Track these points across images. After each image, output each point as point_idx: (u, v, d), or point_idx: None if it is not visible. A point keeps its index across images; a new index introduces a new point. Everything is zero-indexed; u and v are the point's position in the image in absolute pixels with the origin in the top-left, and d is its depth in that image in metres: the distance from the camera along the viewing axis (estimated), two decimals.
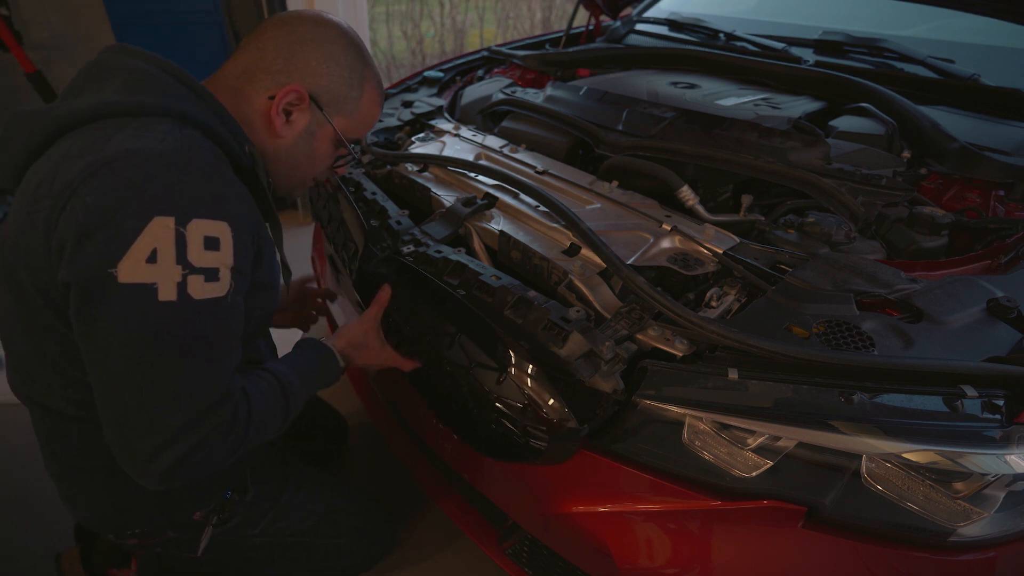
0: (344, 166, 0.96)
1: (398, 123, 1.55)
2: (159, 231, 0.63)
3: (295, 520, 1.08)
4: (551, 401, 0.79)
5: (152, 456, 0.65)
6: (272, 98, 0.80)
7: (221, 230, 0.68)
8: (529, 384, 0.81)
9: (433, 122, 1.55)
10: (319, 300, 1.30)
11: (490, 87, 1.72)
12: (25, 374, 0.82)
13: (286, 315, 1.23)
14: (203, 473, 0.70)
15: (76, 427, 0.82)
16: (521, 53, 1.93)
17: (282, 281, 0.95)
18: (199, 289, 0.66)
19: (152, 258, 0.63)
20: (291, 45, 0.81)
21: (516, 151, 1.33)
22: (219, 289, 0.68)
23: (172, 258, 0.64)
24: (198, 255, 0.65)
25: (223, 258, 0.68)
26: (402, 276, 0.99)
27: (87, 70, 0.76)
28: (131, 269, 0.62)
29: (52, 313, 0.70)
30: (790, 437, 0.71)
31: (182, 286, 0.64)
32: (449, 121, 1.55)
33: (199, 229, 0.66)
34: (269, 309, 0.90)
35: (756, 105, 1.38)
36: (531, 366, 0.81)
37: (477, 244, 1.10)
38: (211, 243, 0.66)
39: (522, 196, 1.14)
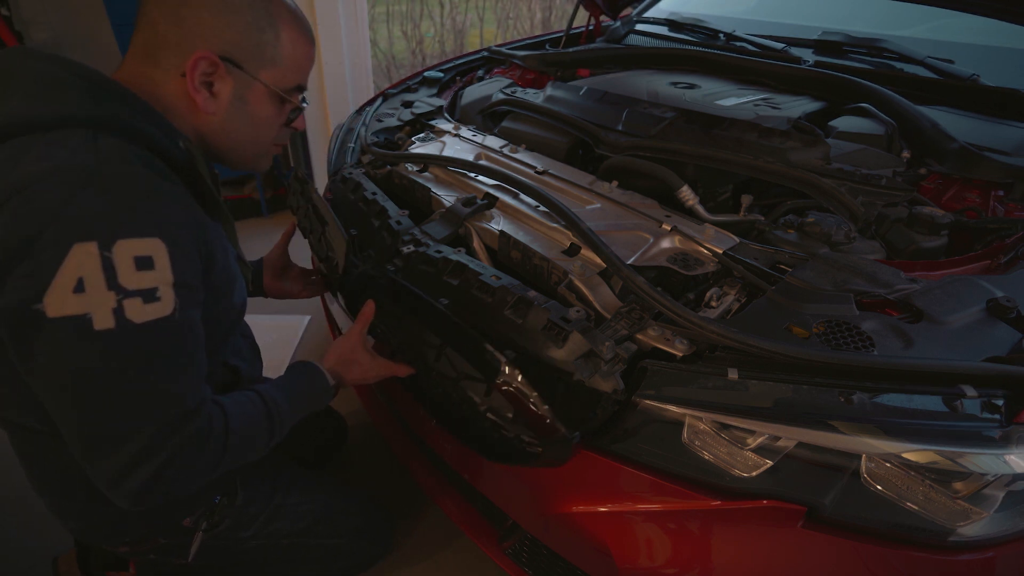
0: (299, 118, 0.87)
1: (398, 123, 1.55)
2: (82, 258, 0.59)
3: (289, 522, 1.07)
4: (539, 411, 0.78)
5: (120, 477, 0.63)
6: (184, 75, 0.72)
7: (153, 247, 0.63)
8: (517, 395, 0.80)
9: (433, 122, 1.55)
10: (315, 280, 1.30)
11: (490, 87, 1.72)
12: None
13: (283, 288, 1.22)
14: (183, 489, 0.68)
15: (47, 441, 0.80)
16: (521, 53, 1.93)
17: (242, 276, 0.89)
18: (139, 312, 0.62)
19: (80, 288, 0.59)
20: (177, 9, 0.71)
21: (516, 151, 1.33)
22: (162, 309, 0.63)
23: (102, 285, 0.60)
24: (129, 277, 0.61)
25: (160, 276, 0.63)
26: (384, 289, 0.98)
27: None
28: (59, 303, 0.59)
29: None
30: (790, 437, 0.71)
31: (119, 312, 0.61)
32: (449, 121, 1.55)
33: (126, 250, 0.61)
34: (234, 309, 0.85)
35: (756, 105, 1.38)
36: (518, 376, 0.79)
37: (477, 244, 1.10)
38: (143, 263, 0.62)
39: (522, 196, 1.14)
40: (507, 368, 0.79)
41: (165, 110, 0.74)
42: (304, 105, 0.85)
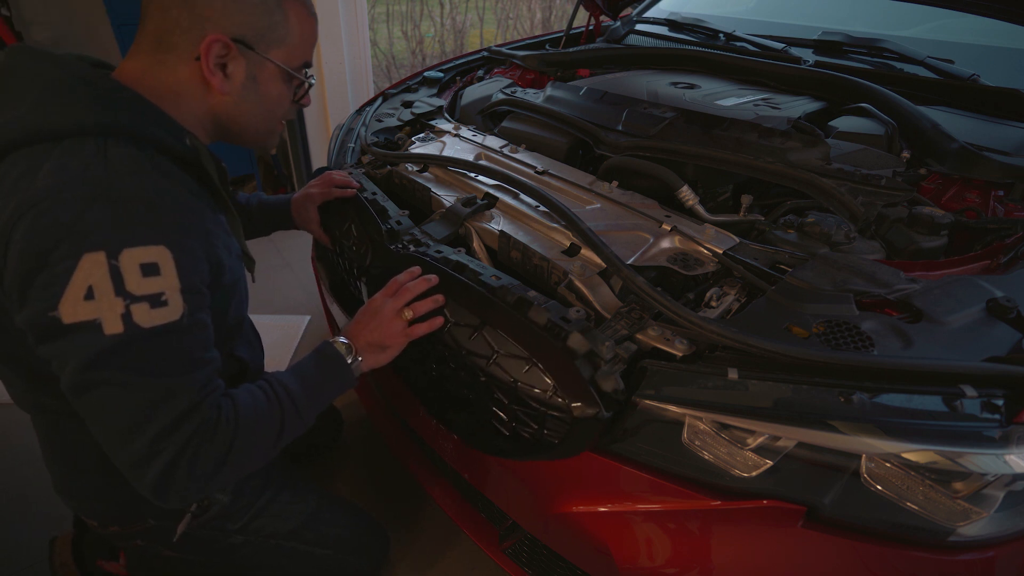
0: (306, 95, 0.90)
1: (398, 123, 1.55)
2: (91, 268, 0.62)
3: (275, 520, 1.07)
4: (579, 388, 0.78)
5: (138, 468, 0.67)
6: (199, 59, 0.74)
7: (159, 255, 0.66)
8: (556, 371, 0.80)
9: (433, 122, 1.55)
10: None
11: (490, 87, 1.72)
12: (14, 379, 0.83)
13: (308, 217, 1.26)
14: (201, 481, 0.70)
15: (64, 421, 0.84)
16: (521, 53, 1.93)
17: (248, 274, 0.93)
18: (146, 317, 0.65)
19: (90, 295, 0.62)
20: None
21: (516, 151, 1.33)
22: (170, 314, 0.66)
23: (110, 292, 0.63)
24: (137, 284, 0.64)
25: (166, 282, 0.66)
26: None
27: None
28: (72, 309, 0.62)
29: (18, 331, 0.70)
30: (790, 437, 0.71)
31: (127, 317, 0.64)
32: (449, 121, 1.55)
33: (133, 258, 0.64)
34: (241, 306, 0.91)
35: (756, 105, 1.38)
36: (560, 355, 0.80)
37: (477, 244, 1.10)
38: (149, 269, 0.65)
39: (522, 196, 1.14)
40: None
41: (178, 95, 0.76)
42: (312, 82, 0.88)
